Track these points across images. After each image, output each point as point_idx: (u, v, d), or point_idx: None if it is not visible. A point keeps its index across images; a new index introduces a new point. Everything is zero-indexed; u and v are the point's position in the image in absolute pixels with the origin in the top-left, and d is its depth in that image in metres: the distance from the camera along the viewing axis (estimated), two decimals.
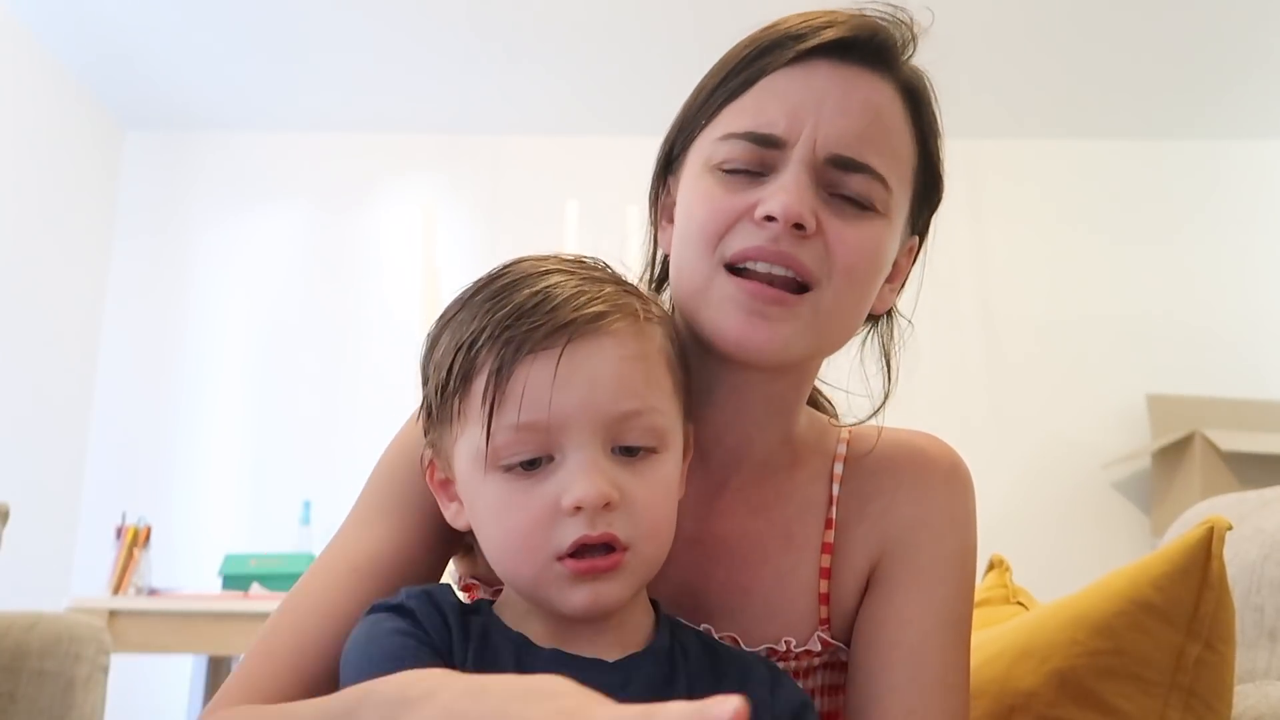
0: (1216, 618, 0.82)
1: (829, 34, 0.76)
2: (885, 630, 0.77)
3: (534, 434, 0.66)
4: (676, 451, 0.71)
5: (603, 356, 0.66)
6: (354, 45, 3.58)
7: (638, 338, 0.69)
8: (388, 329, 3.85)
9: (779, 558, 0.80)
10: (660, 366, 0.70)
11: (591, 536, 0.65)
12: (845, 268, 0.75)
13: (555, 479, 0.66)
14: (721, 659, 0.72)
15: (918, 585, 0.78)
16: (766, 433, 0.82)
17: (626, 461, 0.67)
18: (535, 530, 0.66)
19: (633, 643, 0.70)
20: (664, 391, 0.70)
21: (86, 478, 3.81)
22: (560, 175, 3.94)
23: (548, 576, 0.66)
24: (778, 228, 0.73)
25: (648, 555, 0.68)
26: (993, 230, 3.94)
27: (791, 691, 0.72)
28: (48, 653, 1.62)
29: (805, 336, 0.75)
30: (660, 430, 0.69)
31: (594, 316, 0.66)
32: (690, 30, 3.41)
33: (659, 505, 0.69)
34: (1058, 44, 3.50)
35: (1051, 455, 3.78)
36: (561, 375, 0.65)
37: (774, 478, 0.82)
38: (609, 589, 0.66)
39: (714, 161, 0.77)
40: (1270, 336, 3.86)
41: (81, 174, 3.86)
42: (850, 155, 0.74)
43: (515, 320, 0.66)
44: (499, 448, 0.66)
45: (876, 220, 0.76)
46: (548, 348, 0.65)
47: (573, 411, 0.65)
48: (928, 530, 0.79)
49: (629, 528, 0.66)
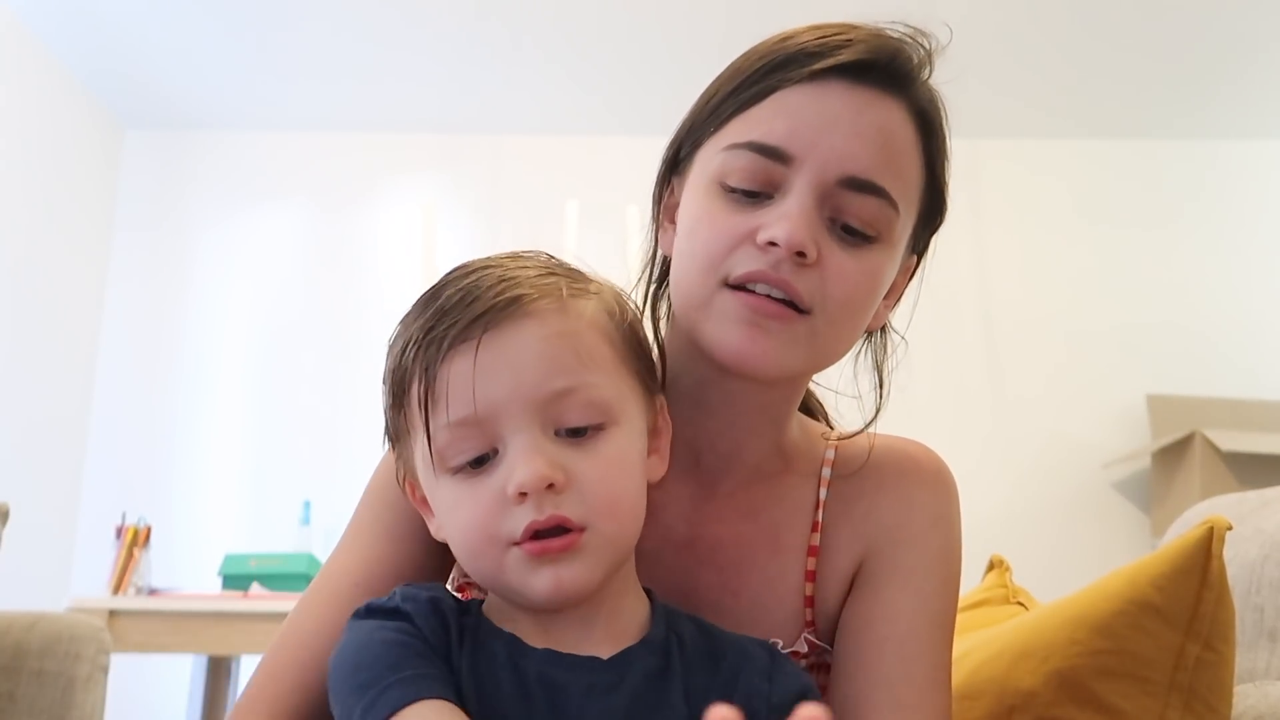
0: (1216, 618, 0.82)
1: (845, 55, 0.75)
2: (873, 627, 0.77)
3: (469, 429, 0.66)
4: (632, 424, 0.70)
5: (522, 339, 0.66)
6: (354, 45, 3.58)
7: (561, 314, 0.68)
8: (388, 329, 3.82)
9: (767, 561, 0.81)
10: (594, 339, 0.69)
11: (539, 521, 0.64)
12: (841, 300, 0.75)
13: (500, 470, 0.66)
14: (718, 644, 0.72)
15: (904, 583, 0.78)
16: (758, 440, 0.82)
17: (574, 442, 0.67)
18: (488, 522, 0.66)
19: (626, 635, 0.69)
20: (601, 364, 0.69)
21: (86, 478, 3.81)
22: (560, 175, 3.94)
23: (507, 565, 0.66)
24: (780, 254, 0.72)
25: (609, 533, 0.67)
26: (993, 229, 3.94)
27: (791, 677, 0.71)
28: (48, 653, 1.62)
29: (801, 354, 0.75)
30: (602, 403, 0.68)
31: (509, 302, 0.66)
32: (691, 31, 3.41)
33: (613, 482, 0.67)
34: (1057, 44, 3.50)
35: (1052, 455, 3.78)
36: (482, 365, 0.65)
37: (764, 483, 0.83)
38: (571, 571, 0.65)
39: (719, 174, 0.76)
40: (1270, 337, 3.86)
41: (82, 173, 3.86)
42: (865, 176, 0.74)
43: (437, 320, 0.67)
44: (442, 449, 0.67)
45: (878, 250, 0.76)
46: (465, 339, 0.66)
47: (501, 399, 0.65)
48: (912, 531, 0.80)
49: (580, 507, 0.65)
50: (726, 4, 3.29)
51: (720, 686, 0.68)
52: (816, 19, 0.80)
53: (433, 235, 3.27)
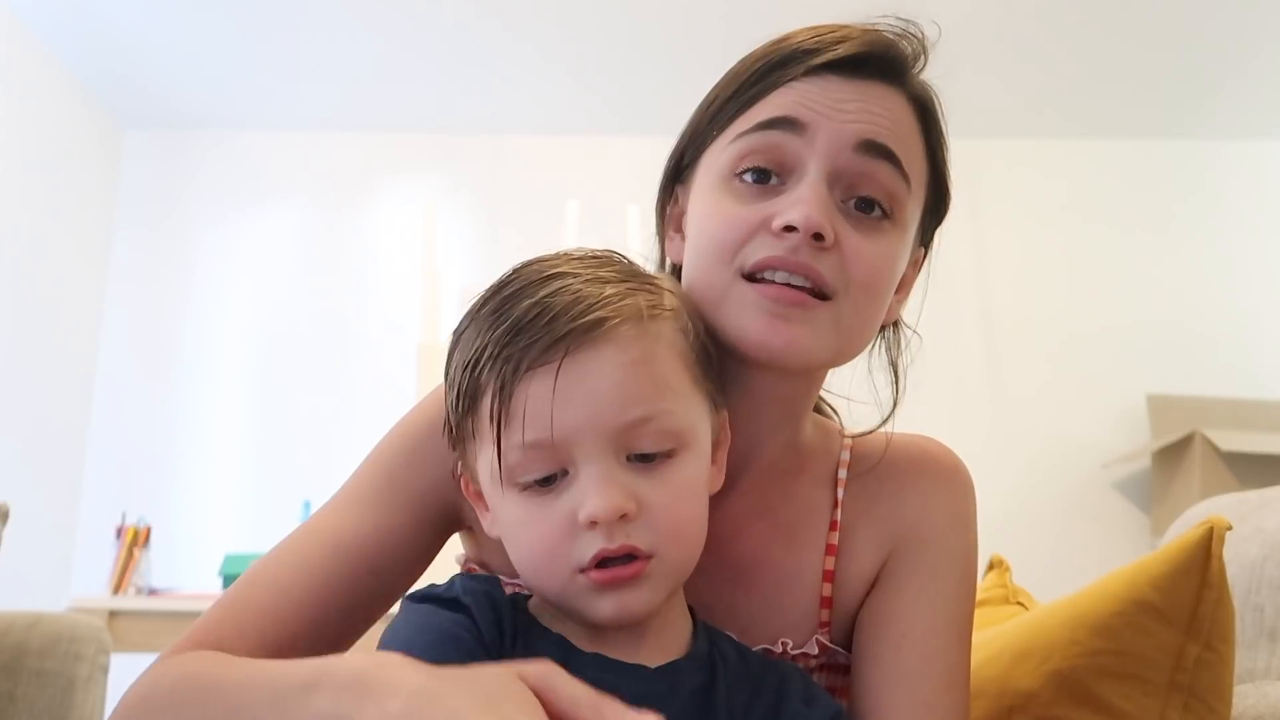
0: (1216, 618, 0.82)
1: (842, 50, 0.75)
2: (894, 624, 0.77)
3: (542, 451, 0.65)
4: (700, 448, 0.70)
5: (603, 366, 0.65)
6: (354, 44, 3.58)
7: (640, 340, 0.67)
8: (387, 328, 3.85)
9: (781, 559, 0.81)
10: (671, 363, 0.68)
11: (610, 550, 0.64)
12: (863, 281, 0.74)
13: (570, 493, 0.65)
14: (754, 667, 0.72)
15: (925, 582, 0.78)
16: (775, 436, 0.82)
17: (644, 468, 0.66)
18: (555, 545, 0.65)
19: (672, 648, 0.69)
20: (677, 390, 0.68)
21: (86, 478, 3.82)
22: (560, 175, 3.94)
23: (573, 589, 0.66)
24: (797, 238, 0.72)
25: (674, 559, 0.67)
26: (992, 229, 3.94)
27: (826, 702, 0.72)
28: (48, 652, 1.62)
29: (825, 341, 0.74)
30: (675, 431, 0.67)
31: (591, 325, 0.65)
32: (691, 31, 3.41)
33: (682, 509, 0.67)
34: (1057, 44, 3.50)
35: (1052, 455, 3.78)
36: (561, 391, 0.64)
37: (779, 481, 0.83)
38: (636, 597, 0.65)
39: (729, 166, 0.76)
40: (1270, 336, 3.86)
41: (82, 173, 3.86)
42: (878, 139, 0.74)
43: (514, 336, 0.65)
44: (512, 466, 0.66)
45: (891, 232, 0.76)
46: (546, 363, 0.64)
47: (577, 426, 0.64)
48: (934, 528, 0.80)
49: (649, 536, 0.65)
50: (727, 4, 3.29)
51: (763, 708, 0.69)
52: (814, 18, 0.81)
53: (433, 235, 3.27)
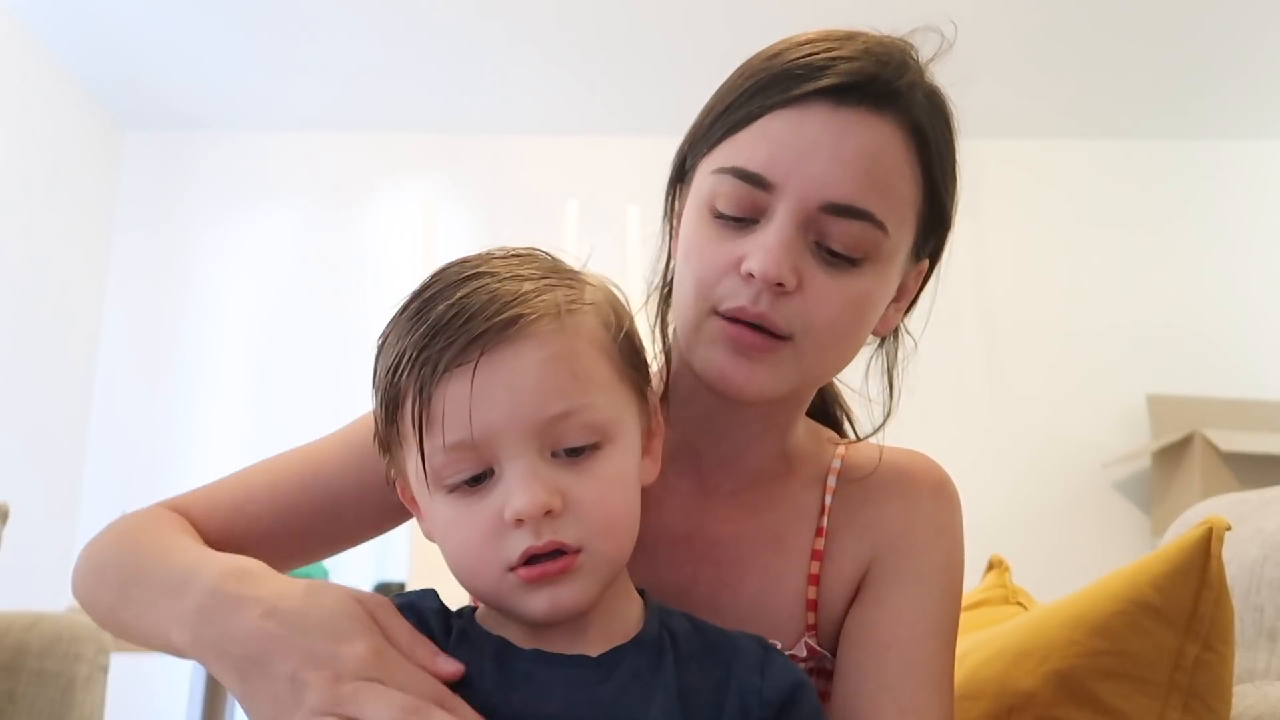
0: (1215, 618, 0.82)
1: (827, 79, 0.74)
2: (877, 633, 0.78)
3: (465, 452, 0.65)
4: (627, 440, 0.69)
5: (520, 363, 0.65)
6: (354, 44, 3.58)
7: (559, 335, 0.66)
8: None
9: (768, 560, 0.81)
10: (592, 357, 0.68)
11: (537, 547, 0.64)
12: (825, 324, 0.75)
13: (497, 493, 0.65)
14: (710, 640, 0.72)
15: (909, 590, 0.79)
16: (760, 445, 0.83)
17: (571, 462, 0.66)
18: (484, 545, 0.65)
19: (618, 635, 0.69)
20: (599, 383, 0.68)
21: (86, 478, 3.81)
22: (560, 175, 3.94)
23: (504, 588, 0.66)
24: (758, 285, 0.73)
25: (604, 552, 0.67)
26: (992, 229, 3.94)
27: (783, 671, 0.71)
28: (48, 653, 1.62)
29: (787, 378, 0.76)
30: (599, 424, 0.67)
31: (507, 323, 0.64)
32: (691, 31, 3.41)
33: (611, 502, 0.67)
34: (1057, 44, 3.50)
35: (1051, 455, 3.78)
36: (479, 390, 0.64)
37: (766, 486, 0.83)
38: (567, 592, 0.65)
39: (709, 199, 0.77)
40: (1269, 337, 3.86)
41: (81, 174, 3.86)
42: (846, 201, 0.73)
43: (431, 339, 0.65)
44: (437, 469, 0.66)
45: (864, 271, 0.76)
46: (462, 363, 0.64)
47: (497, 424, 0.64)
48: (916, 539, 0.80)
49: (578, 530, 0.65)
50: (727, 4, 3.29)
51: (712, 682, 0.69)
52: (815, 20, 0.80)
53: (433, 235, 3.27)
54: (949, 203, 0.82)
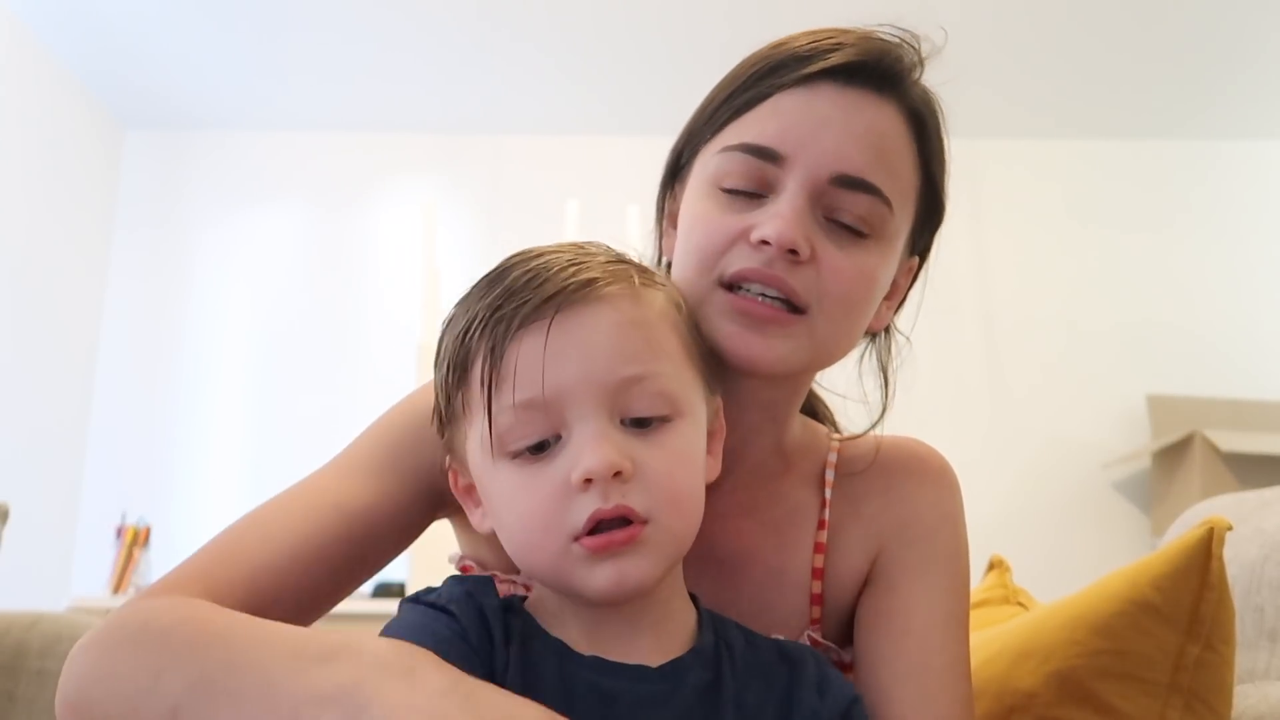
0: (1216, 618, 0.82)
1: (835, 58, 0.76)
2: (891, 622, 0.78)
3: (534, 412, 0.63)
4: (696, 419, 0.68)
5: (596, 323, 0.64)
6: (353, 45, 3.58)
7: (634, 302, 0.66)
8: (388, 329, 3.85)
9: (769, 557, 0.81)
10: (664, 330, 0.68)
11: (605, 510, 0.62)
12: (838, 296, 0.75)
13: (564, 457, 0.63)
14: (764, 656, 0.70)
15: (916, 579, 0.79)
16: (760, 438, 0.83)
17: (639, 433, 0.64)
18: (548, 511, 0.63)
19: (675, 644, 0.67)
20: (671, 356, 0.67)
21: (86, 478, 3.81)
22: (560, 175, 3.94)
23: (567, 560, 0.63)
24: (772, 251, 0.73)
25: (672, 528, 0.65)
26: (992, 230, 3.94)
27: (840, 690, 0.70)
28: (48, 652, 1.62)
29: (800, 353, 0.76)
30: (670, 395, 0.65)
31: (583, 284, 0.64)
32: (691, 31, 3.41)
33: (678, 474, 0.65)
34: (1056, 45, 3.50)
35: (1052, 455, 3.78)
36: (552, 347, 0.63)
37: (766, 481, 0.83)
38: (633, 565, 0.63)
39: (715, 177, 0.77)
40: (1269, 337, 3.86)
41: (82, 173, 3.86)
42: (857, 174, 0.74)
43: (505, 300, 0.64)
44: (503, 432, 0.64)
45: (873, 247, 0.76)
46: (536, 320, 0.63)
47: (570, 383, 0.63)
48: (923, 526, 0.81)
49: (645, 499, 0.63)
50: (727, 4, 3.29)
51: (775, 703, 0.68)
52: (814, 20, 0.81)
53: (433, 235, 3.27)
54: (942, 194, 0.83)
